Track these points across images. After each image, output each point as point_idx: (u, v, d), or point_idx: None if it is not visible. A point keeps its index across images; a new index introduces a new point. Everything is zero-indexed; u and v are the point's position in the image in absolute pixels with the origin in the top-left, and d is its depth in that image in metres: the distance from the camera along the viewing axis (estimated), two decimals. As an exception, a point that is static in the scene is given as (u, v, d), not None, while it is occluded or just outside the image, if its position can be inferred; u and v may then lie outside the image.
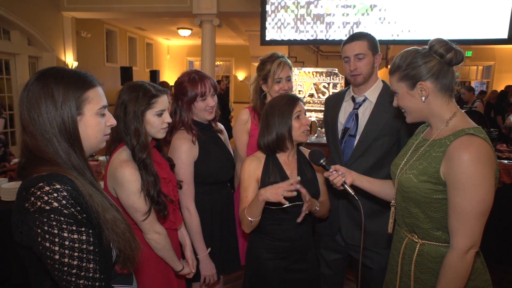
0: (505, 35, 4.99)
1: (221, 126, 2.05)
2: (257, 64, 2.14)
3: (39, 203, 0.85)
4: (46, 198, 0.86)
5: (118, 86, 8.98)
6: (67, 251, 0.86)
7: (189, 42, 12.58)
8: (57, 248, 0.85)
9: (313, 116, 4.15)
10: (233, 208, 2.04)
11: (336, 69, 4.09)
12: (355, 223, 1.85)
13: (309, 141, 3.43)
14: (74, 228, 0.88)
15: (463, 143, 1.16)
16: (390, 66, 1.37)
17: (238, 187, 2.00)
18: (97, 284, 0.90)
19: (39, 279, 0.96)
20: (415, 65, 1.25)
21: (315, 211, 1.63)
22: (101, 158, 3.17)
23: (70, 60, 7.79)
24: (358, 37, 1.82)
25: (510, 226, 3.25)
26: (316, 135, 4.20)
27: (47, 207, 0.85)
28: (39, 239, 0.85)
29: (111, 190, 1.50)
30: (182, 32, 10.10)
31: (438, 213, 1.25)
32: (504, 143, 4.53)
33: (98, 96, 1.02)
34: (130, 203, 1.45)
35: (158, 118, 1.54)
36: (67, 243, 0.86)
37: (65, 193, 0.88)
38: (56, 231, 0.85)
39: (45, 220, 0.85)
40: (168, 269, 1.62)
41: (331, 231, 1.94)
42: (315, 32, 5.59)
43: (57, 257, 0.86)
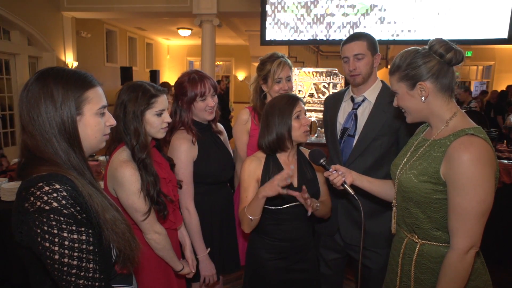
0: (505, 35, 5.00)
1: (220, 126, 2.05)
2: (257, 64, 2.14)
3: (38, 203, 0.85)
4: (45, 198, 0.86)
5: (118, 86, 8.98)
6: (66, 251, 0.86)
7: (189, 42, 12.58)
8: (56, 248, 0.85)
9: (313, 116, 4.15)
10: (232, 208, 2.04)
11: (336, 69, 4.09)
12: (353, 223, 1.85)
13: (309, 141, 3.43)
14: (74, 228, 0.88)
15: (463, 143, 1.16)
16: (390, 66, 1.37)
17: (238, 187, 2.00)
18: (97, 284, 0.90)
19: (39, 279, 0.96)
20: (415, 65, 1.25)
21: (315, 210, 1.63)
22: (101, 158, 3.18)
23: (70, 60, 7.80)
24: (357, 37, 1.82)
25: (510, 226, 3.24)
26: (316, 135, 4.20)
27: (47, 207, 0.85)
28: (39, 239, 0.85)
29: (111, 190, 1.50)
30: (182, 32, 10.11)
31: (438, 213, 1.25)
32: (504, 143, 4.52)
33: (97, 96, 1.02)
34: (130, 203, 1.45)
35: (158, 118, 1.54)
36: (66, 243, 0.86)
37: (64, 193, 0.88)
38: (55, 231, 0.85)
39: (45, 220, 0.85)
40: (168, 269, 1.62)
41: (330, 231, 1.94)
42: (315, 32, 5.59)
43: (57, 257, 0.86)
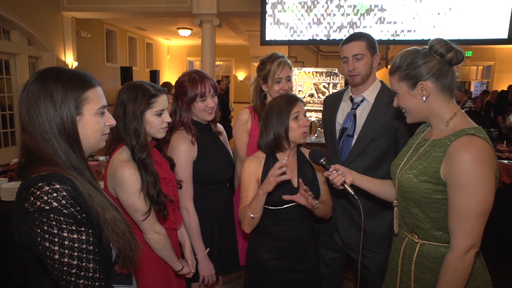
0: (505, 35, 5.00)
1: (220, 127, 2.04)
2: (257, 64, 2.14)
3: (38, 203, 0.85)
4: (45, 198, 0.86)
5: (118, 86, 8.99)
6: (66, 251, 0.86)
7: (189, 42, 12.58)
8: (56, 248, 0.85)
9: (313, 116, 4.15)
10: (232, 209, 2.04)
11: (336, 69, 4.09)
12: (352, 223, 1.85)
13: (309, 141, 3.43)
14: (74, 228, 0.87)
15: (463, 143, 1.16)
16: (390, 66, 1.37)
17: (238, 187, 2.00)
18: (97, 284, 0.90)
19: (39, 279, 0.96)
20: (416, 65, 1.25)
21: (314, 209, 1.63)
22: (101, 158, 3.17)
23: (70, 60, 7.80)
24: (356, 37, 1.82)
25: (510, 226, 3.24)
26: (316, 135, 4.20)
27: (47, 207, 0.85)
28: (39, 239, 0.85)
29: (111, 190, 1.50)
30: (182, 32, 10.11)
31: (438, 213, 1.24)
32: (504, 143, 4.52)
33: (97, 96, 1.02)
34: (130, 203, 1.45)
35: (158, 118, 1.54)
36: (66, 243, 0.86)
37: (64, 193, 0.88)
38: (55, 231, 0.85)
39: (45, 220, 0.85)
40: (168, 269, 1.62)
41: (328, 230, 1.94)
42: (315, 32, 5.59)
43: (56, 257, 0.86)
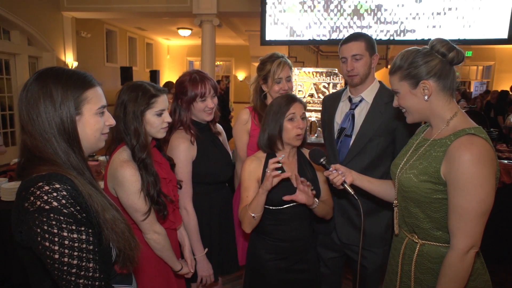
0: (505, 35, 5.00)
1: (219, 127, 2.04)
2: (257, 64, 2.14)
3: (38, 203, 0.85)
4: (45, 197, 0.86)
5: (118, 86, 8.99)
6: (66, 251, 0.86)
7: (189, 42, 12.58)
8: (56, 247, 0.85)
9: (313, 116, 4.15)
10: (231, 209, 2.04)
11: (336, 69, 4.09)
12: (349, 222, 1.86)
13: (309, 141, 3.42)
14: (74, 227, 0.87)
15: (463, 143, 1.16)
16: (390, 66, 1.37)
17: (239, 188, 1.99)
18: (97, 283, 0.90)
19: (39, 279, 0.96)
20: (417, 64, 1.24)
21: (313, 207, 1.63)
22: (101, 158, 3.17)
23: (70, 60, 7.80)
24: (355, 37, 1.81)
25: (510, 226, 3.24)
26: (316, 135, 4.20)
27: (47, 207, 0.85)
28: (39, 238, 0.85)
29: (111, 190, 1.50)
30: (182, 32, 10.11)
31: (438, 213, 1.24)
32: (504, 143, 4.52)
33: (97, 96, 1.02)
34: (130, 203, 1.45)
35: (158, 118, 1.54)
36: (66, 242, 0.86)
37: (64, 193, 0.88)
38: (55, 231, 0.85)
39: (45, 219, 0.85)
40: (167, 269, 1.62)
41: (327, 230, 1.94)
42: (315, 32, 5.59)
43: (56, 256, 0.86)
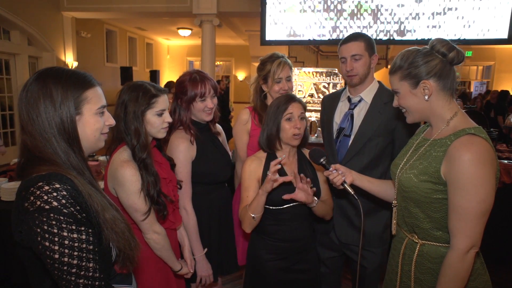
0: (505, 35, 5.00)
1: (219, 127, 2.04)
2: (258, 64, 2.14)
3: (38, 203, 0.85)
4: (45, 197, 0.86)
5: (118, 86, 8.99)
6: (66, 251, 0.86)
7: (189, 42, 12.59)
8: (56, 247, 0.85)
9: (313, 116, 4.15)
10: (231, 209, 2.03)
11: (336, 69, 4.09)
12: (348, 222, 1.86)
13: (309, 141, 3.42)
14: (74, 227, 0.87)
15: (464, 143, 1.16)
16: (390, 66, 1.37)
17: (239, 188, 1.99)
18: (97, 283, 0.90)
19: (38, 279, 0.96)
20: (417, 64, 1.24)
21: (312, 205, 1.63)
22: (101, 158, 3.17)
23: (70, 60, 7.80)
24: (355, 37, 1.81)
25: (510, 226, 3.24)
26: (316, 135, 4.21)
27: (47, 207, 0.85)
28: (39, 238, 0.85)
29: (111, 190, 1.50)
30: (182, 32, 10.11)
31: (438, 213, 1.24)
32: (504, 143, 4.53)
33: (97, 96, 1.02)
34: (130, 203, 1.45)
35: (158, 118, 1.54)
36: (66, 242, 0.86)
37: (64, 193, 0.88)
38: (55, 231, 0.85)
39: (45, 219, 0.85)
40: (167, 269, 1.62)
41: (325, 229, 1.94)
42: (315, 32, 5.59)
43: (56, 256, 0.86)
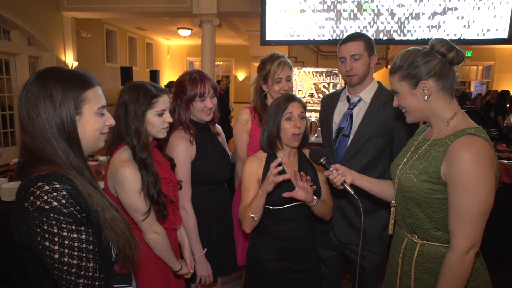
0: (505, 35, 5.00)
1: (218, 128, 2.04)
2: (258, 64, 2.14)
3: (38, 203, 0.85)
4: (45, 197, 0.86)
5: (118, 86, 8.99)
6: (66, 250, 0.86)
7: (189, 42, 12.59)
8: (56, 247, 0.85)
9: (313, 116, 4.15)
10: (230, 209, 2.03)
11: (336, 69, 4.10)
12: (347, 222, 1.86)
13: (309, 141, 3.41)
14: (74, 227, 0.87)
15: (464, 143, 1.16)
16: (390, 66, 1.37)
17: (239, 188, 1.99)
18: (97, 283, 0.90)
19: (38, 279, 0.96)
20: (417, 64, 1.24)
21: (312, 205, 1.63)
22: (101, 158, 3.17)
23: (70, 60, 7.80)
24: (354, 37, 1.82)
25: (510, 226, 3.24)
26: (316, 135, 4.21)
27: (47, 206, 0.85)
28: (39, 238, 0.85)
29: (112, 190, 1.50)
30: (182, 32, 10.11)
31: (438, 213, 1.24)
32: (504, 143, 4.52)
33: (97, 96, 1.02)
34: (130, 203, 1.45)
35: (159, 118, 1.54)
36: (66, 242, 0.86)
37: (64, 193, 0.88)
38: (55, 230, 0.85)
39: (45, 219, 0.85)
40: (167, 269, 1.62)
41: (324, 229, 1.94)
42: (315, 32, 5.59)
43: (56, 256, 0.86)
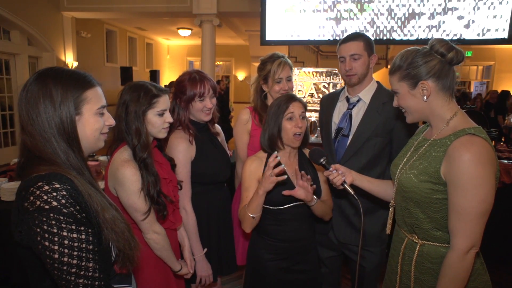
0: (505, 35, 5.00)
1: (218, 128, 2.04)
2: (258, 64, 2.14)
3: (38, 202, 0.85)
4: (45, 197, 0.86)
5: (118, 86, 8.99)
6: (66, 250, 0.86)
7: (189, 42, 12.59)
8: (56, 247, 0.85)
9: (313, 116, 4.15)
10: (230, 209, 2.03)
11: (336, 69, 4.09)
12: (346, 222, 1.86)
13: (309, 141, 3.41)
14: (74, 227, 0.87)
15: (463, 143, 1.16)
16: (390, 66, 1.37)
17: (239, 188, 1.99)
18: (97, 283, 0.90)
19: (38, 279, 0.96)
20: (416, 65, 1.24)
21: (311, 204, 1.63)
22: (101, 158, 3.17)
23: (70, 60, 7.80)
24: (354, 37, 1.82)
25: (510, 226, 3.24)
26: (316, 135, 4.20)
27: (47, 206, 0.85)
28: (39, 238, 0.85)
29: (112, 190, 1.50)
30: (182, 32, 10.12)
31: (438, 213, 1.24)
32: (504, 143, 4.53)
33: (96, 96, 1.02)
34: (130, 203, 1.45)
35: (159, 118, 1.54)
36: (66, 242, 0.86)
37: (64, 193, 0.88)
38: (55, 230, 0.85)
39: (45, 219, 0.85)
40: (167, 269, 1.62)
41: (324, 229, 1.94)
42: (315, 32, 5.59)
43: (56, 256, 0.86)
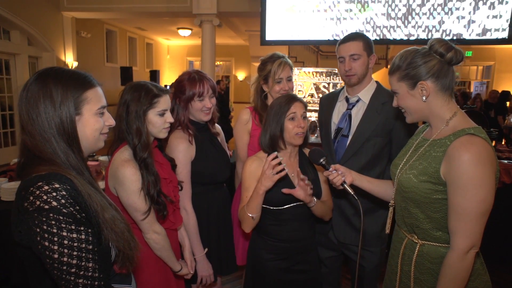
0: (505, 35, 5.00)
1: (218, 128, 2.04)
2: (258, 65, 2.14)
3: (38, 202, 0.85)
4: (45, 197, 0.86)
5: (118, 86, 9.00)
6: (66, 250, 0.86)
7: (189, 42, 12.59)
8: (56, 247, 0.85)
9: (313, 116, 4.15)
10: (230, 209, 2.03)
11: (336, 69, 4.09)
12: (346, 222, 1.86)
13: (309, 141, 3.42)
14: (73, 227, 0.88)
15: (463, 143, 1.16)
16: (389, 66, 1.37)
17: (239, 188, 1.99)
18: (96, 283, 0.90)
19: (38, 279, 0.96)
20: (415, 65, 1.24)
21: (311, 205, 1.63)
22: (102, 158, 3.17)
23: (70, 60, 7.81)
24: (353, 37, 1.82)
25: (510, 226, 3.24)
26: (316, 135, 4.20)
27: (46, 206, 0.85)
28: (38, 238, 0.85)
29: (112, 189, 1.50)
30: (182, 32, 10.12)
31: (438, 213, 1.24)
32: (505, 143, 4.53)
33: (97, 97, 1.02)
34: (130, 203, 1.45)
35: (160, 118, 1.54)
36: (66, 242, 0.86)
37: (64, 193, 0.88)
38: (55, 230, 0.85)
39: (44, 219, 0.85)
40: (167, 269, 1.62)
41: (323, 229, 1.95)
42: (315, 32, 5.59)
43: (56, 256, 0.86)
